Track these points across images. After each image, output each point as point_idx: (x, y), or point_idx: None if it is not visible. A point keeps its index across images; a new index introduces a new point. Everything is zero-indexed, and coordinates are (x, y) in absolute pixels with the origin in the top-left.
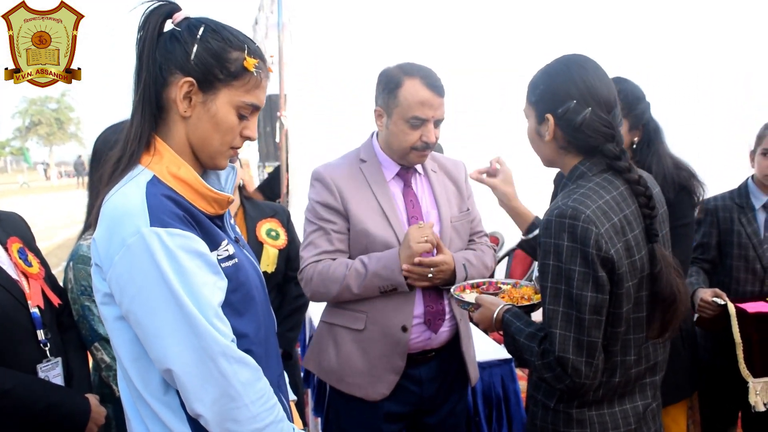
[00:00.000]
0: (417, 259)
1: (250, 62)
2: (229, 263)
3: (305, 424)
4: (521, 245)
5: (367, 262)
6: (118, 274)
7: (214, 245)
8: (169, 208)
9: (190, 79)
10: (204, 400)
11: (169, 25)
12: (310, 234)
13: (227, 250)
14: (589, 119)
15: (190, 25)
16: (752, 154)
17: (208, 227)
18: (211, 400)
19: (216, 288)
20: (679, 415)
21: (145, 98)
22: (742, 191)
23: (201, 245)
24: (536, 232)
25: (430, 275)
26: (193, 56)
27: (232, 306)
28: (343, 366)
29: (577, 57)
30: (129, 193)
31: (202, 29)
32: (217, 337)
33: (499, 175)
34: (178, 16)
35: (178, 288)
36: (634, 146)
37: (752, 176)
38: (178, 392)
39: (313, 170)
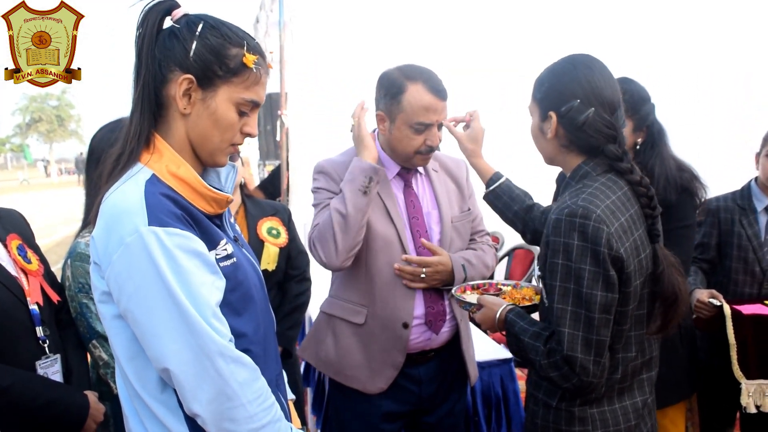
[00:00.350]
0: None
1: (250, 59)
2: (228, 262)
3: (304, 422)
4: (484, 198)
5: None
6: (117, 272)
7: (212, 245)
8: (167, 207)
9: (189, 76)
10: (201, 399)
11: (168, 23)
12: (318, 213)
13: (225, 249)
14: (591, 119)
15: (189, 21)
16: (757, 156)
17: (206, 226)
18: (208, 399)
19: (214, 287)
20: (678, 417)
21: (145, 95)
22: (745, 193)
23: (199, 245)
24: (494, 186)
25: (423, 275)
26: (192, 53)
27: (230, 305)
28: (341, 358)
29: (583, 57)
30: (128, 192)
31: (201, 26)
32: (214, 337)
33: (467, 130)
34: (177, 13)
35: (176, 287)
36: (638, 147)
37: (755, 178)
38: (175, 391)
39: (316, 164)
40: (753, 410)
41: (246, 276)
